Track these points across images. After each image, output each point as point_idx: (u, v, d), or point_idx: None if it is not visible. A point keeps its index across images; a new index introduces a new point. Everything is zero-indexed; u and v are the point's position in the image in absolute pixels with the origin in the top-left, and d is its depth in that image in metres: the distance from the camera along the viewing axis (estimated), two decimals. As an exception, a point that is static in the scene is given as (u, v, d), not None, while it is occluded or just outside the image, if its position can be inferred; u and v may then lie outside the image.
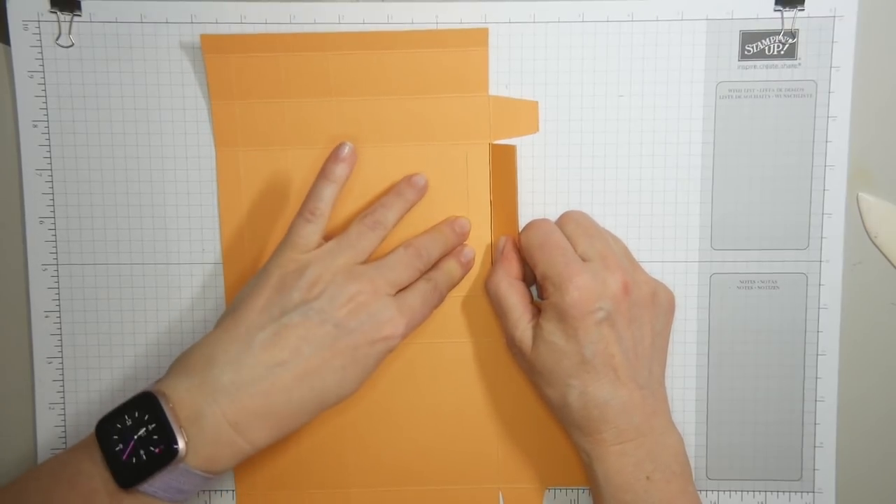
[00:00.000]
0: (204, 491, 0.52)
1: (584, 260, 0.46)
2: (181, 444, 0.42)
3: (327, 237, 0.47)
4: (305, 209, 0.47)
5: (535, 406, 0.51)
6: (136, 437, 0.42)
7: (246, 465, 0.51)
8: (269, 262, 0.46)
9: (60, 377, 0.52)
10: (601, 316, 0.45)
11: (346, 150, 0.48)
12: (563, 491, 0.52)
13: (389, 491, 0.52)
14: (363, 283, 0.45)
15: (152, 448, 0.42)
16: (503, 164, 0.50)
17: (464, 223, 0.50)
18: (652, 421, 0.46)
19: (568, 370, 0.46)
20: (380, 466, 0.51)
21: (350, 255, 0.46)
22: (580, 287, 0.45)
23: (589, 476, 0.47)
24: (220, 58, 0.49)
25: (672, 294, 0.49)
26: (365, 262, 0.47)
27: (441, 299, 0.49)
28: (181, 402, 0.43)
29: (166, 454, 0.42)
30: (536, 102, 0.50)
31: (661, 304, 0.48)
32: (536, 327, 0.47)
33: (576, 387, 0.46)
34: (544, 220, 0.49)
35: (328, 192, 0.47)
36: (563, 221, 0.49)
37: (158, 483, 0.42)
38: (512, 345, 0.49)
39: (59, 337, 0.51)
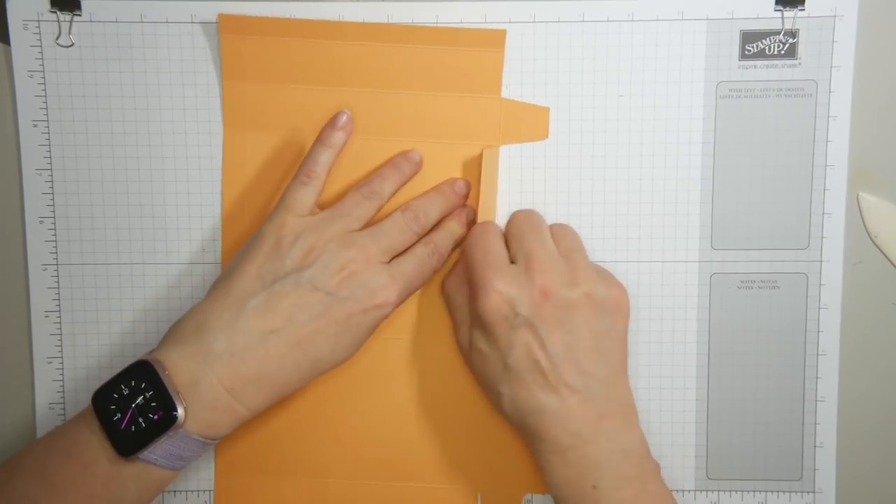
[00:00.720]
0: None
1: (513, 263, 0.46)
2: (180, 411, 0.42)
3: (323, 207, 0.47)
4: (301, 172, 0.47)
5: None
6: (134, 405, 0.42)
7: (226, 449, 0.51)
8: (263, 226, 0.46)
9: (60, 377, 0.52)
10: (518, 321, 0.44)
11: (344, 118, 0.48)
12: (543, 497, 0.52)
13: (368, 484, 0.51)
14: (356, 251, 0.45)
15: (151, 415, 0.42)
16: (487, 164, 0.50)
17: (462, 185, 0.50)
18: (596, 426, 0.44)
19: (496, 377, 0.46)
20: (359, 460, 0.51)
21: (345, 223, 0.46)
22: (494, 293, 0.44)
23: (546, 483, 0.46)
24: (236, 38, 0.49)
25: (622, 290, 0.47)
26: (360, 229, 0.47)
27: (442, 260, 0.49)
28: (177, 370, 0.43)
29: (165, 421, 0.42)
30: (548, 108, 0.50)
31: (599, 303, 0.46)
32: (471, 333, 0.47)
33: (506, 394, 0.45)
34: (483, 224, 0.48)
35: (324, 157, 0.47)
36: (507, 223, 0.49)
37: (159, 450, 0.43)
38: (458, 346, 0.49)
39: (59, 337, 0.51)
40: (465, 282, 0.48)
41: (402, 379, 0.51)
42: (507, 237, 0.48)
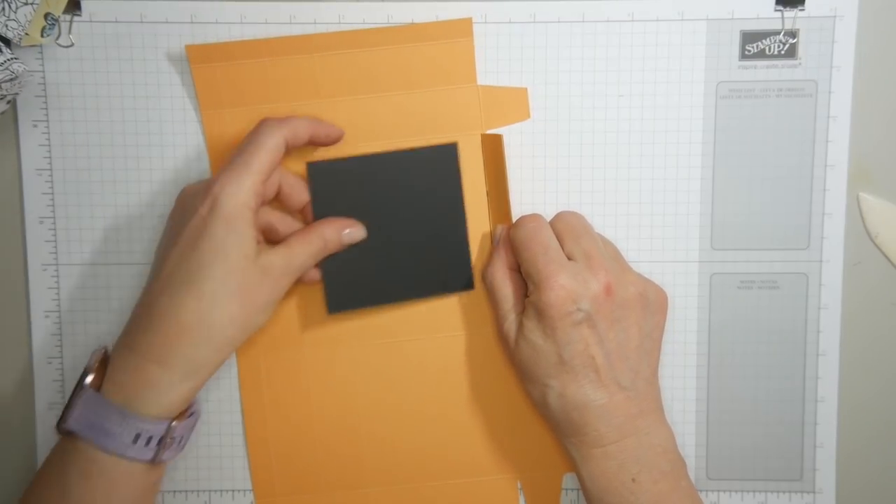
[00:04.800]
0: (213, 491, 0.52)
1: (569, 259, 0.46)
2: (91, 368, 0.44)
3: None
4: None
5: None
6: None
7: (264, 471, 0.51)
8: None
9: (60, 377, 0.52)
10: (580, 317, 0.45)
11: None
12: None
13: (408, 487, 0.52)
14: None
15: None
16: (493, 153, 0.50)
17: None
18: (637, 421, 0.46)
19: (546, 370, 0.46)
20: (396, 464, 0.51)
21: None
22: (558, 287, 0.44)
23: (577, 476, 0.47)
24: (206, 67, 0.49)
25: (664, 293, 0.48)
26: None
27: None
28: (112, 349, 0.46)
29: (79, 382, 0.44)
30: (525, 88, 0.50)
31: (649, 304, 0.47)
32: (520, 323, 0.47)
33: (554, 388, 0.46)
34: (533, 216, 0.48)
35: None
36: (555, 220, 0.48)
37: (80, 419, 0.43)
38: (500, 337, 0.49)
39: (59, 337, 0.51)
40: (512, 272, 0.48)
41: (425, 380, 0.51)
42: (556, 234, 0.48)
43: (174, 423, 0.44)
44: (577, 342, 0.45)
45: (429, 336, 0.51)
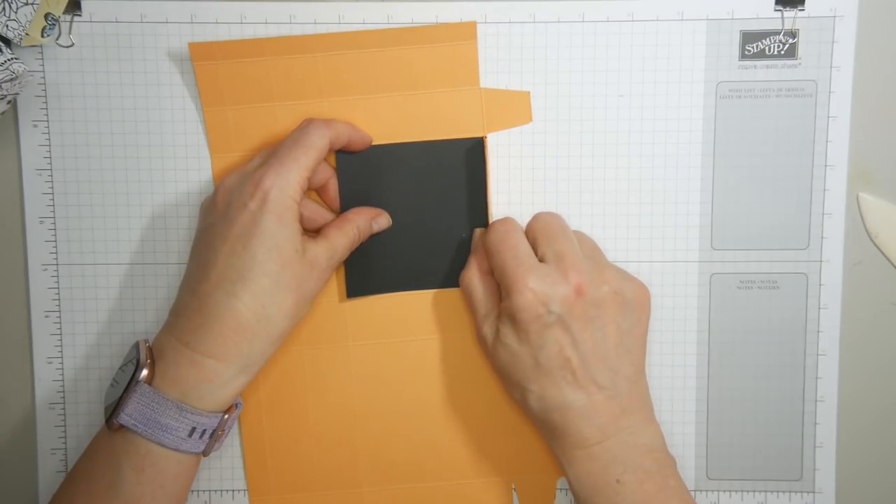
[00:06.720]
0: (209, 495, 0.52)
1: (542, 262, 0.46)
2: (143, 364, 0.44)
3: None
4: None
5: None
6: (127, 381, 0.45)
7: (259, 469, 0.51)
8: None
9: (60, 377, 0.52)
10: (551, 319, 0.44)
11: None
12: (564, 490, 0.52)
13: (402, 488, 0.52)
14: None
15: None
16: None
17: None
18: (620, 422, 0.45)
19: (524, 374, 0.46)
20: (391, 465, 0.51)
21: None
22: (527, 290, 0.44)
23: (566, 478, 0.47)
24: (209, 65, 0.49)
25: (645, 290, 0.48)
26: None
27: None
28: (154, 342, 0.45)
29: (133, 379, 0.44)
30: (528, 92, 0.50)
31: (627, 301, 0.46)
32: (496, 328, 0.47)
33: (534, 391, 0.46)
34: (504, 220, 0.48)
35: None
36: (532, 222, 0.48)
37: (135, 413, 0.43)
38: (479, 341, 0.49)
39: (59, 337, 0.51)
40: (486, 275, 0.48)
41: (423, 380, 0.51)
42: (531, 236, 0.48)
43: (225, 415, 0.45)
44: (550, 345, 0.45)
45: (425, 337, 0.51)
